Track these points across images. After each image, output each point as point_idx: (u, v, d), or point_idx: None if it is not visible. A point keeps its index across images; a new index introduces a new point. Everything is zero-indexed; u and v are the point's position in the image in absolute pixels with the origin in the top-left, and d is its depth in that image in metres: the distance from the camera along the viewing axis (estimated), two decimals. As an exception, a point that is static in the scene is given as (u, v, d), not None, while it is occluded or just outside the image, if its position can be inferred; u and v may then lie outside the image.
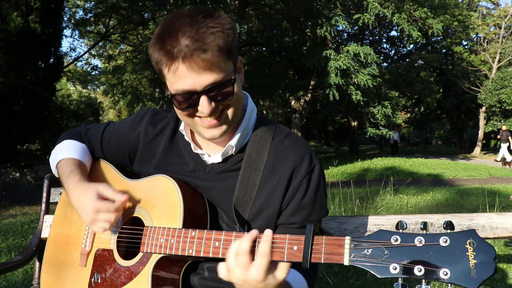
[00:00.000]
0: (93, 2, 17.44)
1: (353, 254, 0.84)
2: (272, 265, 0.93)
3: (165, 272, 1.12)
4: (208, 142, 1.16)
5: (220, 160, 1.15)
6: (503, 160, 17.87)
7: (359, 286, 3.13)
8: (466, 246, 0.77)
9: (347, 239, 0.86)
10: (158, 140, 1.25)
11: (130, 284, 1.12)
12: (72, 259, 1.28)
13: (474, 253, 0.76)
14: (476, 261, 0.75)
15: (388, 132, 16.35)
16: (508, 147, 18.36)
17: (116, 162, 1.37)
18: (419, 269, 0.78)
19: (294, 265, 1.15)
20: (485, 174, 12.67)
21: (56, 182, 1.77)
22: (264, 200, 1.11)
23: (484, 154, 27.87)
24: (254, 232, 0.94)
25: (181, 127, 1.22)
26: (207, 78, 0.95)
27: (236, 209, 1.10)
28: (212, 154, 1.17)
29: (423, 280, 0.78)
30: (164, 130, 1.26)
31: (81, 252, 1.27)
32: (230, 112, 1.04)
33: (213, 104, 0.99)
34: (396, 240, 0.82)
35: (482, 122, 26.37)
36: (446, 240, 0.78)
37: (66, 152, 1.31)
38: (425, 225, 0.83)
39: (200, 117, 1.03)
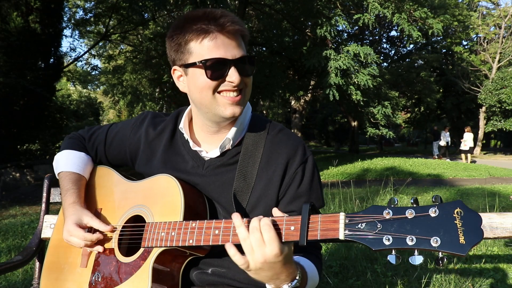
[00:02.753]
0: (93, 2, 17.47)
1: (347, 229, 0.87)
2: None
3: (165, 266, 1.13)
4: (206, 138, 1.23)
5: (218, 154, 1.20)
6: (437, 155, 20.55)
7: (359, 286, 3.13)
8: (454, 215, 0.80)
9: (342, 215, 0.89)
10: (159, 140, 1.30)
11: (131, 279, 1.12)
12: (73, 261, 1.28)
13: (462, 221, 0.79)
14: (464, 229, 0.78)
15: (388, 132, 16.36)
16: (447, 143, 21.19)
17: (119, 163, 1.43)
18: (411, 239, 0.80)
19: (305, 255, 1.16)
20: (485, 174, 12.64)
21: (56, 182, 1.78)
22: (262, 190, 1.16)
23: (484, 154, 27.87)
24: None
25: (181, 125, 1.26)
26: (237, 52, 1.09)
27: (236, 198, 1.14)
28: (210, 150, 1.22)
29: (416, 250, 0.81)
30: (164, 131, 1.31)
31: (82, 253, 1.27)
32: (247, 92, 1.15)
33: (239, 76, 1.08)
34: (388, 213, 0.84)
35: (482, 122, 26.36)
36: (435, 211, 0.81)
37: (65, 165, 1.36)
38: (415, 200, 0.86)
39: (220, 92, 1.10)
